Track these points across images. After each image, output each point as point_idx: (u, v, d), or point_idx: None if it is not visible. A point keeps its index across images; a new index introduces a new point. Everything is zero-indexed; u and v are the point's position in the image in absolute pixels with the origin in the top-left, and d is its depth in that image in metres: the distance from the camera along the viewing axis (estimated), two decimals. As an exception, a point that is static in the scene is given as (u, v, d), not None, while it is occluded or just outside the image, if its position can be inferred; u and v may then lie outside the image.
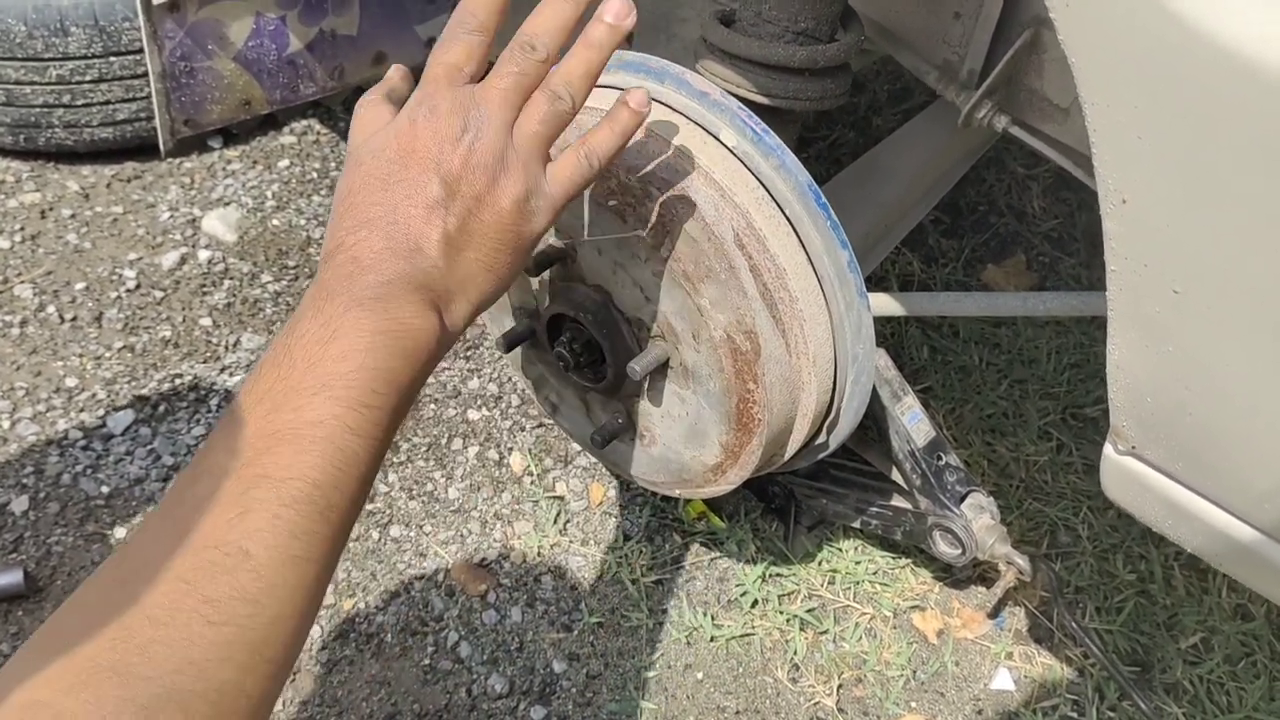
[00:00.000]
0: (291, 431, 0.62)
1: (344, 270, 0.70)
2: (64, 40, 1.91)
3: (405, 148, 0.74)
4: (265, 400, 0.64)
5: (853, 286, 1.08)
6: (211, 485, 0.60)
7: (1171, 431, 0.76)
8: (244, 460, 0.61)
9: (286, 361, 0.65)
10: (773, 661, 1.49)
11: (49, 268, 1.93)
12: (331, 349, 0.65)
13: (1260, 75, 0.59)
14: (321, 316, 0.67)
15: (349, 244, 0.71)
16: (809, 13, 1.14)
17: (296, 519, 0.60)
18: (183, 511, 0.60)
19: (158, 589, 0.56)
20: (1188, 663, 1.51)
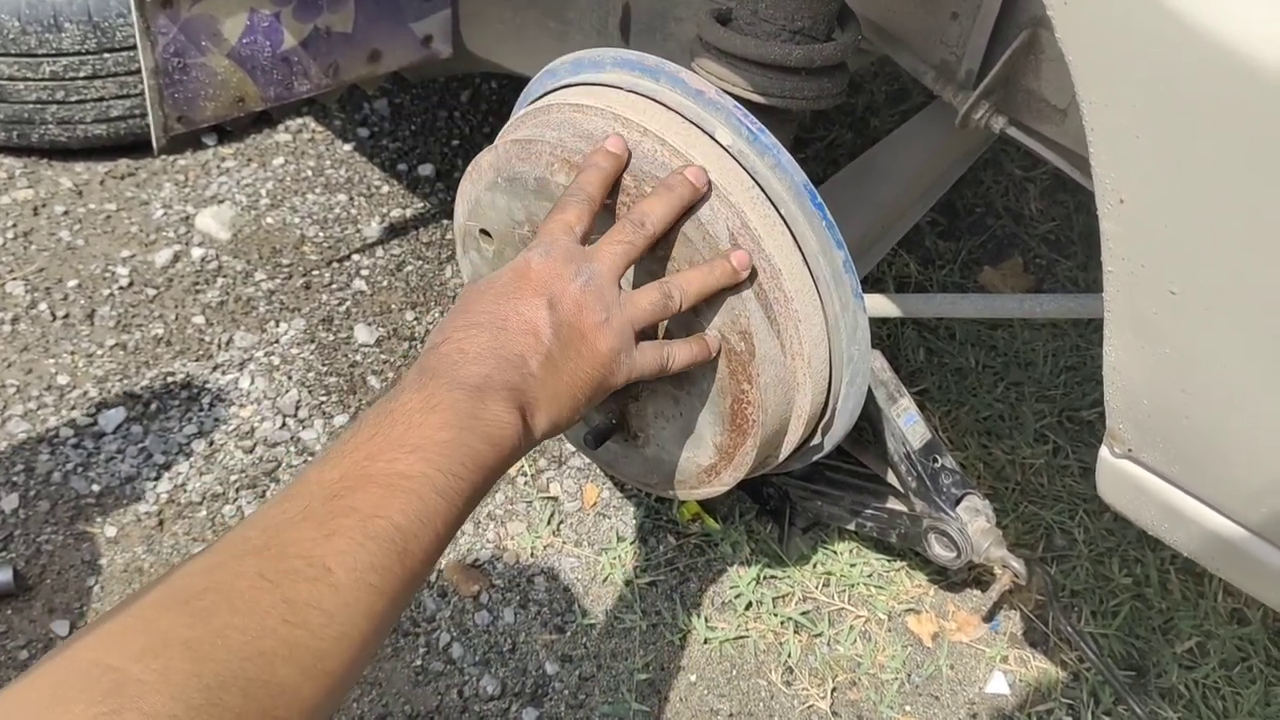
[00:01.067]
0: (383, 477, 0.67)
1: (450, 359, 0.77)
2: (58, 36, 1.91)
3: (520, 274, 0.85)
4: (362, 449, 0.69)
5: (848, 287, 1.07)
6: (303, 505, 0.65)
7: (1168, 434, 0.75)
8: (336, 492, 0.66)
9: (387, 422, 0.71)
10: (767, 664, 1.48)
11: (41, 264, 1.92)
12: (431, 418, 0.71)
13: (1259, 74, 0.58)
14: (424, 392, 0.73)
15: (456, 339, 0.79)
16: (805, 11, 1.13)
17: (377, 552, 0.64)
18: (274, 521, 0.64)
19: (243, 580, 0.59)
20: (1183, 667, 1.50)
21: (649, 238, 0.93)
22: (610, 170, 0.97)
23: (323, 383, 1.78)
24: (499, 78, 2.43)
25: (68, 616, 1.45)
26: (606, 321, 0.86)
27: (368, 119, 2.34)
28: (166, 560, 1.52)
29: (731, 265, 0.96)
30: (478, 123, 2.36)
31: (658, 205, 0.94)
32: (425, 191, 2.18)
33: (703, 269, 0.96)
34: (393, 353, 1.85)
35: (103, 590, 1.49)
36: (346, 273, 1.98)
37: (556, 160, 1.05)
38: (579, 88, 1.16)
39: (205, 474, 1.63)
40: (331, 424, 1.72)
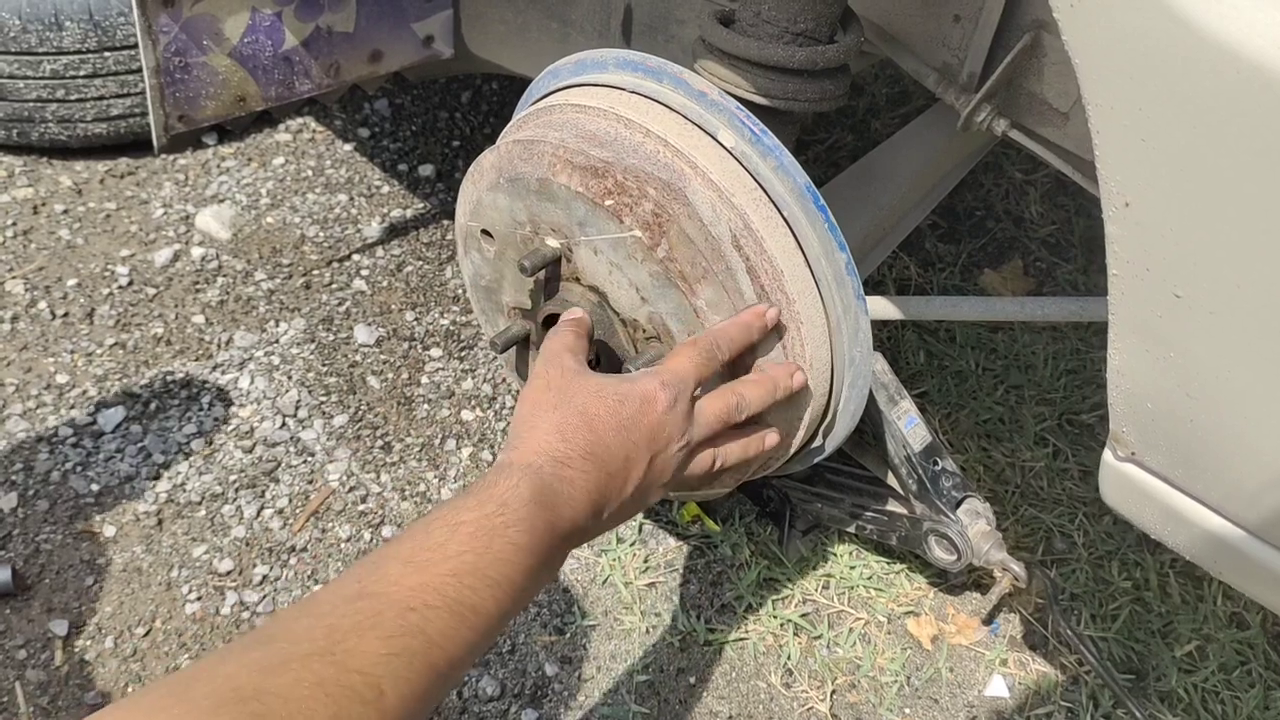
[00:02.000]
0: (459, 606, 0.68)
1: (561, 491, 0.80)
2: (58, 35, 1.90)
3: (645, 411, 0.88)
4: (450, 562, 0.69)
5: (850, 289, 1.07)
6: (375, 609, 0.65)
7: (1172, 438, 0.75)
8: (411, 605, 0.66)
9: (485, 541, 0.72)
10: (766, 666, 1.48)
11: (41, 263, 1.91)
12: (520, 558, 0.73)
13: (1265, 78, 0.58)
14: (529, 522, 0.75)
15: (577, 467, 0.82)
16: (808, 14, 1.13)
17: (430, 683, 0.65)
18: (340, 621, 0.64)
19: (301, 689, 0.59)
20: (1183, 670, 1.50)
21: (739, 421, 0.98)
22: (757, 339, 1.01)
23: (322, 383, 1.78)
24: (500, 78, 2.43)
25: (66, 616, 1.45)
26: (669, 482, 0.93)
27: (368, 119, 2.34)
28: (165, 560, 1.52)
29: (792, 383, 1.03)
30: (479, 123, 2.36)
31: (758, 396, 0.99)
32: (426, 192, 2.18)
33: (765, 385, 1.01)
34: (392, 353, 1.85)
35: (101, 590, 1.48)
36: (346, 273, 1.98)
37: (559, 161, 1.05)
38: (582, 88, 1.16)
39: (204, 473, 1.63)
40: (331, 424, 1.71)
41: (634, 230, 1.02)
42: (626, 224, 1.02)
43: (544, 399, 0.88)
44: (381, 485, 1.65)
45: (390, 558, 0.69)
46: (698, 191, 1.02)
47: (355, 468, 1.66)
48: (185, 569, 1.52)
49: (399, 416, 1.75)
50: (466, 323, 1.91)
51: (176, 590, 1.49)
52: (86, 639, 1.43)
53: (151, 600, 1.48)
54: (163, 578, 1.50)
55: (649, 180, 1.02)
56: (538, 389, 0.90)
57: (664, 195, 1.01)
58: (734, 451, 0.99)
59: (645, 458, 0.87)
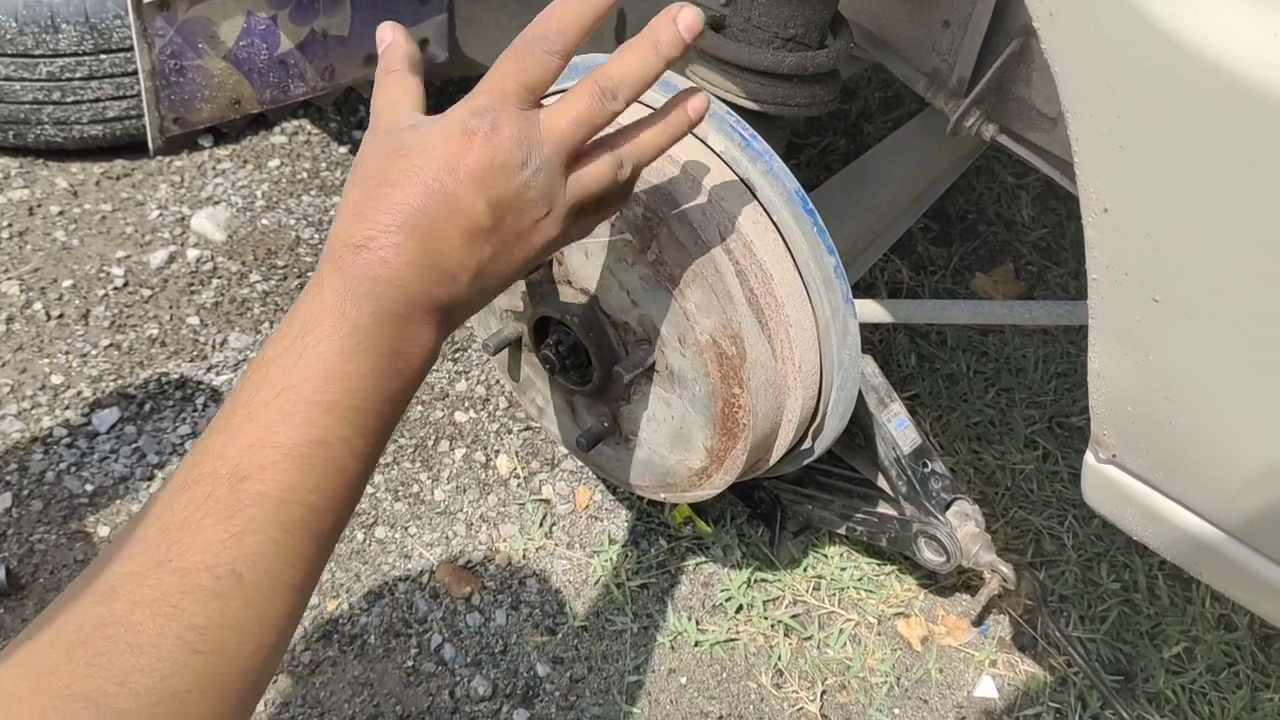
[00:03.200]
0: (296, 448, 0.59)
1: (373, 272, 0.65)
2: (54, 37, 1.91)
3: (457, 157, 0.68)
4: (272, 406, 0.60)
5: (839, 292, 1.08)
6: (204, 493, 0.57)
7: (1152, 440, 0.76)
8: (243, 471, 0.58)
9: (300, 368, 0.61)
10: (757, 667, 1.49)
11: (36, 264, 1.92)
12: (350, 366, 0.63)
13: (1242, 86, 0.59)
14: (347, 323, 0.64)
15: (381, 243, 0.66)
16: (798, 19, 1.14)
17: (292, 544, 0.58)
18: (172, 520, 0.57)
19: (141, 610, 0.53)
20: (1170, 672, 1.51)
21: (614, 114, 0.73)
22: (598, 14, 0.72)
23: (317, 384, 1.78)
24: (495, 81, 2.43)
25: (60, 616, 1.45)
26: (547, 217, 0.72)
27: (364, 121, 2.35)
28: (159, 560, 1.52)
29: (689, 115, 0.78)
30: (473, 126, 2.37)
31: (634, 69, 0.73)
32: (420, 194, 2.19)
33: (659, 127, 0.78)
34: (387, 355, 1.85)
35: (95, 590, 1.49)
36: (341, 275, 1.98)
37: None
38: (573, 93, 1.17)
39: (198, 474, 1.63)
40: (325, 425, 1.72)
41: (624, 233, 1.03)
42: (616, 227, 1.03)
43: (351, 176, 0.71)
44: (374, 486, 1.65)
45: (210, 432, 0.61)
46: (687, 196, 1.03)
47: (349, 469, 1.67)
48: (179, 569, 1.52)
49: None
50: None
51: (170, 590, 1.50)
52: (80, 639, 1.44)
53: (145, 600, 1.48)
54: (156, 578, 1.51)
55: (639, 184, 1.03)
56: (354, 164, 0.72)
57: (654, 199, 1.02)
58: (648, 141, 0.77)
59: (479, 204, 0.68)
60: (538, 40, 0.71)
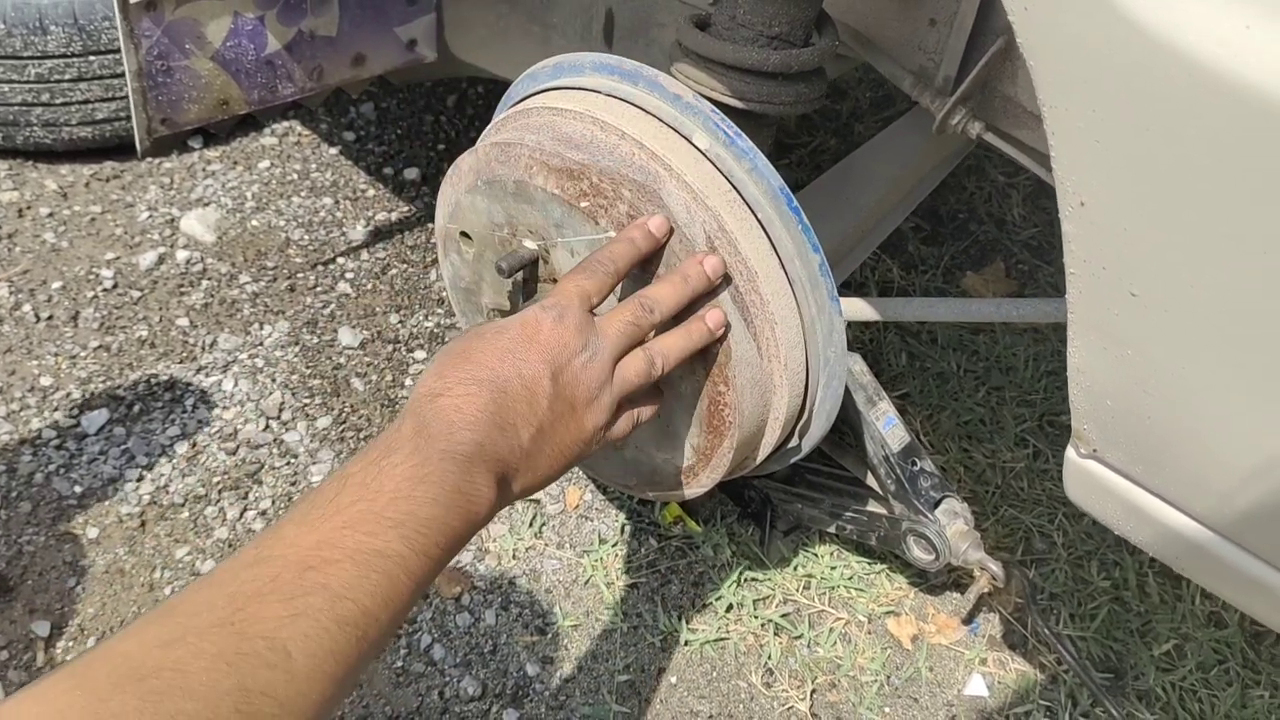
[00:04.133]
0: (360, 554, 0.66)
1: (447, 420, 0.76)
2: (43, 39, 1.91)
3: (530, 334, 0.83)
4: (344, 513, 0.67)
5: (824, 290, 1.08)
6: (273, 573, 0.63)
7: (1131, 434, 0.76)
8: (310, 562, 0.64)
9: (374, 485, 0.69)
10: (747, 666, 1.49)
11: (25, 266, 1.92)
12: (418, 490, 0.70)
13: (1215, 80, 0.59)
14: (418, 456, 0.72)
15: (457, 393, 0.77)
16: (783, 17, 1.14)
17: (340, 638, 0.63)
18: (243, 590, 0.62)
19: (201, 661, 0.58)
20: (1160, 669, 1.51)
21: (654, 324, 0.92)
22: (645, 251, 0.97)
23: (306, 385, 1.78)
24: (485, 82, 2.44)
25: (48, 617, 1.45)
26: (598, 399, 0.86)
27: (354, 122, 2.35)
28: (148, 561, 1.52)
29: (707, 326, 0.97)
30: (464, 127, 2.37)
31: (669, 294, 0.95)
32: (410, 195, 2.19)
33: (681, 333, 0.96)
34: (377, 355, 1.85)
35: (84, 591, 1.49)
36: (331, 276, 1.99)
37: (535, 163, 1.06)
38: (559, 91, 1.17)
39: (188, 475, 1.63)
40: (314, 426, 1.72)
41: (609, 231, 1.03)
42: (602, 225, 1.03)
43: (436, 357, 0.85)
44: (365, 487, 1.65)
45: (285, 522, 0.68)
46: (672, 194, 1.03)
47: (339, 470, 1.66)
48: (168, 570, 1.52)
49: (383, 419, 1.75)
50: (450, 325, 1.91)
51: (159, 592, 1.49)
52: (68, 640, 1.43)
53: (134, 602, 1.48)
54: (145, 579, 1.51)
55: (624, 182, 1.03)
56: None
57: (639, 197, 1.02)
58: (670, 345, 0.94)
59: (544, 370, 0.82)
60: (599, 264, 0.92)
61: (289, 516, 0.68)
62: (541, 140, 1.08)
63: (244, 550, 0.66)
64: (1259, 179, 0.60)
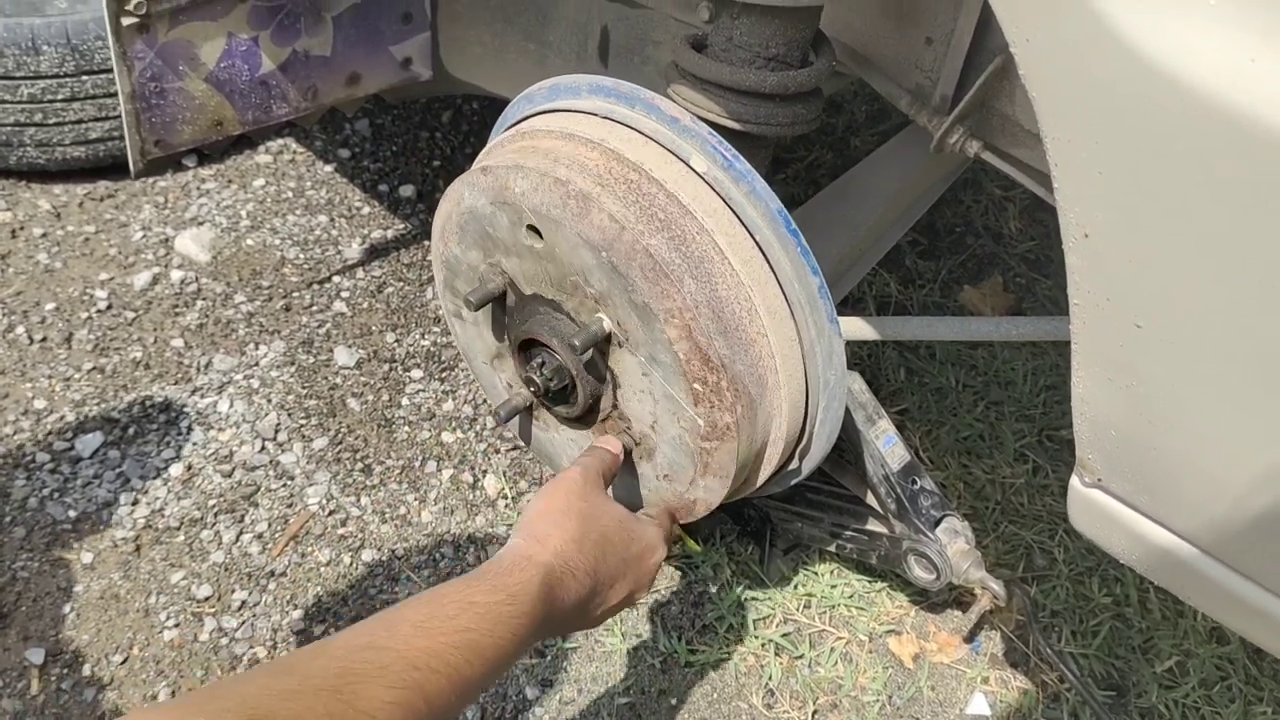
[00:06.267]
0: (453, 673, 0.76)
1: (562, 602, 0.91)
2: (36, 59, 1.90)
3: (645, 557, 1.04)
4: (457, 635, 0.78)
5: (823, 313, 1.07)
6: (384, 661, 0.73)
7: (1136, 464, 0.75)
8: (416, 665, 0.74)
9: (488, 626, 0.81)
10: (748, 687, 1.48)
11: (19, 288, 1.91)
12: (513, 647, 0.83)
13: (1220, 112, 0.59)
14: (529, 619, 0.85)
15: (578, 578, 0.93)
16: (780, 38, 1.14)
17: None
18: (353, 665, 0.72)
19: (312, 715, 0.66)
20: (1163, 686, 1.50)
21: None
22: None
23: (302, 406, 1.77)
24: (480, 98, 2.43)
25: (43, 644, 1.43)
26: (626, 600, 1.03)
27: (349, 140, 2.34)
28: (143, 586, 1.51)
29: None
30: (459, 143, 2.36)
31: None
32: (406, 212, 2.18)
33: None
34: (373, 375, 1.84)
35: (79, 617, 1.47)
36: (327, 294, 1.98)
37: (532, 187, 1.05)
38: (555, 114, 1.16)
39: (183, 499, 1.62)
40: (310, 447, 1.71)
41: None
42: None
43: (573, 505, 0.99)
44: (361, 508, 1.64)
45: (403, 620, 0.78)
46: (671, 219, 1.02)
47: (335, 491, 1.66)
48: (163, 595, 1.51)
49: (379, 439, 1.74)
50: (447, 344, 1.91)
51: (154, 617, 1.48)
52: (63, 667, 1.42)
53: (129, 627, 1.47)
54: (140, 604, 1.50)
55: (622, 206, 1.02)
56: (571, 493, 1.00)
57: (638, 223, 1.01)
58: None
59: (627, 590, 1.01)
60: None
61: (407, 614, 0.79)
62: (537, 164, 1.07)
63: (360, 630, 0.76)
64: (1264, 211, 0.59)
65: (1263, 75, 0.56)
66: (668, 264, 1.00)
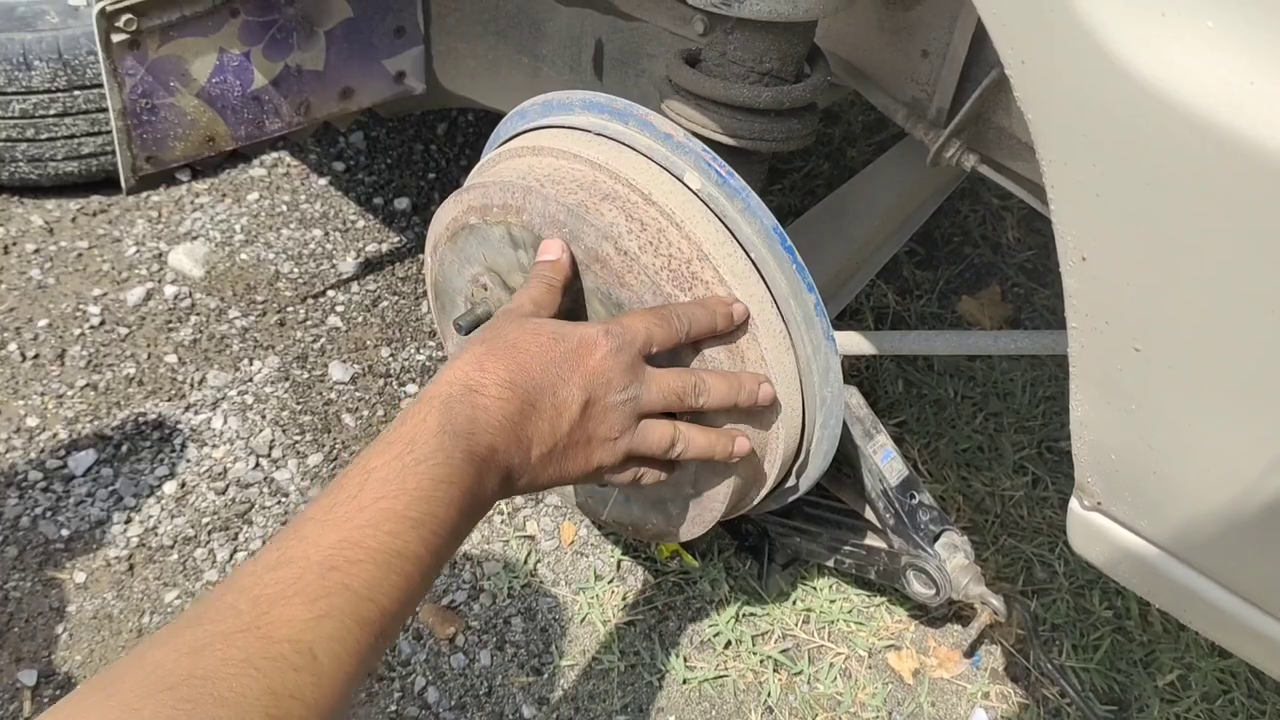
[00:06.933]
0: (381, 554, 0.66)
1: (474, 415, 0.77)
2: (27, 74, 1.89)
3: (582, 355, 0.84)
4: (366, 511, 0.67)
5: (820, 330, 1.06)
6: (295, 575, 0.63)
7: (1136, 488, 0.75)
8: (332, 562, 0.64)
9: (398, 482, 0.69)
10: (746, 704, 1.46)
11: (11, 304, 1.90)
12: (438, 492, 0.71)
13: (1218, 135, 0.58)
14: (442, 455, 0.73)
15: (490, 393, 0.78)
16: (774, 53, 1.13)
17: (362, 639, 0.64)
18: (263, 593, 0.62)
19: (229, 667, 0.58)
20: (1165, 701, 1.49)
21: (694, 409, 0.93)
22: (720, 330, 0.96)
23: (297, 422, 1.76)
24: (475, 111, 2.42)
25: (35, 665, 1.42)
26: (614, 442, 0.87)
27: (343, 153, 2.33)
28: (136, 606, 1.50)
29: (732, 448, 0.97)
30: (454, 155, 2.35)
31: (722, 393, 0.94)
32: (401, 226, 2.17)
33: (709, 436, 0.95)
34: (368, 390, 1.83)
35: (71, 638, 1.46)
36: (321, 309, 1.97)
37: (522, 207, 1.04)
38: (548, 130, 1.15)
39: (177, 516, 1.61)
40: (305, 464, 1.70)
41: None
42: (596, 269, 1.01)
43: (474, 337, 0.85)
44: (356, 525, 1.63)
45: (306, 519, 0.68)
46: (665, 235, 1.01)
47: (330, 508, 1.64)
48: (157, 615, 1.49)
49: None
50: (443, 358, 1.90)
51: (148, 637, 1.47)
52: (56, 689, 1.41)
53: (122, 648, 1.46)
54: (134, 624, 1.48)
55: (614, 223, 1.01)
56: (477, 332, 0.87)
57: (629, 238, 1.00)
58: (696, 439, 0.94)
59: (579, 397, 0.83)
60: (675, 318, 0.91)
61: (309, 513, 0.68)
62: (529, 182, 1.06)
63: (265, 551, 0.66)
64: (1264, 234, 0.58)
65: (1262, 99, 0.55)
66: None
